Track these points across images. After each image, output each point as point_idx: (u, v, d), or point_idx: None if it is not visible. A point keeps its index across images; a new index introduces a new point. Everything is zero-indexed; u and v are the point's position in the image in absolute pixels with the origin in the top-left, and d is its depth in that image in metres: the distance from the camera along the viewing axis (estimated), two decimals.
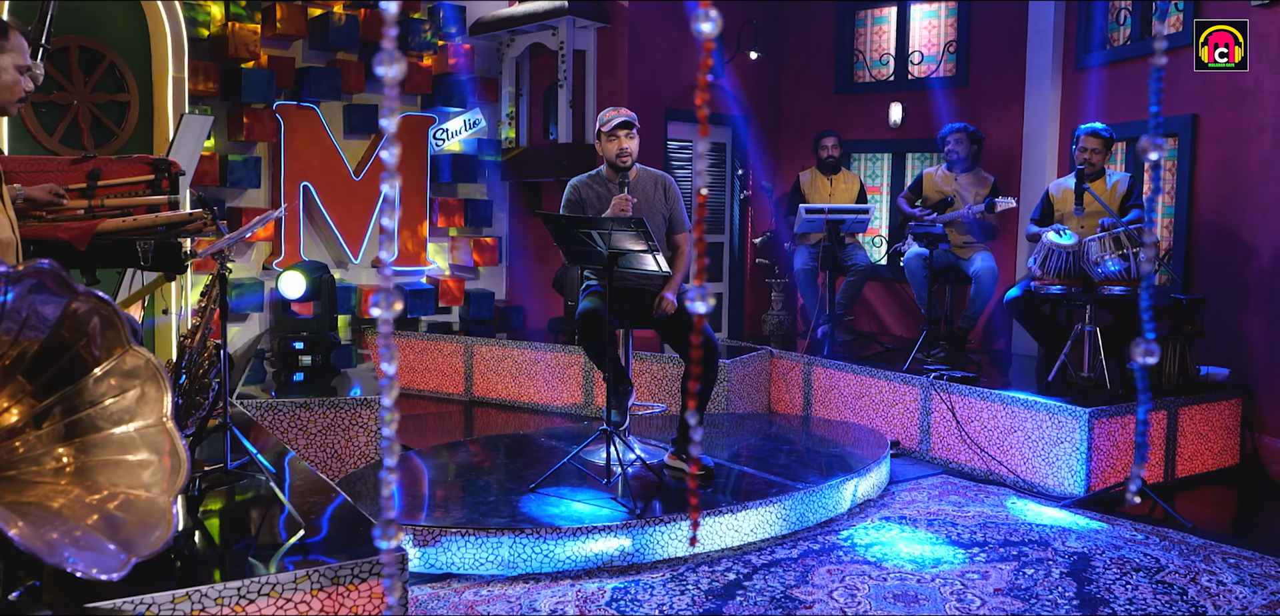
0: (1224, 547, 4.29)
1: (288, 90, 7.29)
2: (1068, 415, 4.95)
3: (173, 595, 2.43)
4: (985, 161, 7.27)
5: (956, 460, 5.52)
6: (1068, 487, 4.97)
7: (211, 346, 3.28)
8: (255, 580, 2.54)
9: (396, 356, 1.00)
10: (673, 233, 4.75)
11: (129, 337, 1.87)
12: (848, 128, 8.10)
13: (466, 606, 3.55)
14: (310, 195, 7.42)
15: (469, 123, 8.22)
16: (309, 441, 4.78)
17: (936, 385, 5.60)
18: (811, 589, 3.76)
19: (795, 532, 4.39)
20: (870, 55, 8.40)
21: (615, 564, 3.93)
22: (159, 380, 1.89)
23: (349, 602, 2.67)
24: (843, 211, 6.60)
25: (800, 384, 6.58)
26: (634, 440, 5.05)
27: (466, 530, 3.83)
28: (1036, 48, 7.22)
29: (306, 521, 3.00)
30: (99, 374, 1.84)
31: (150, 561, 2.57)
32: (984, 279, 6.26)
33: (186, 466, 1.91)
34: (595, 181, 4.69)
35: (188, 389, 3.22)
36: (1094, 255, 5.17)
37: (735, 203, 8.72)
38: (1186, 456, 5.34)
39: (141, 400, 1.87)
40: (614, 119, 4.58)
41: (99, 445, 1.84)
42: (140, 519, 1.83)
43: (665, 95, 8.00)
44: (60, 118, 5.26)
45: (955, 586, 3.81)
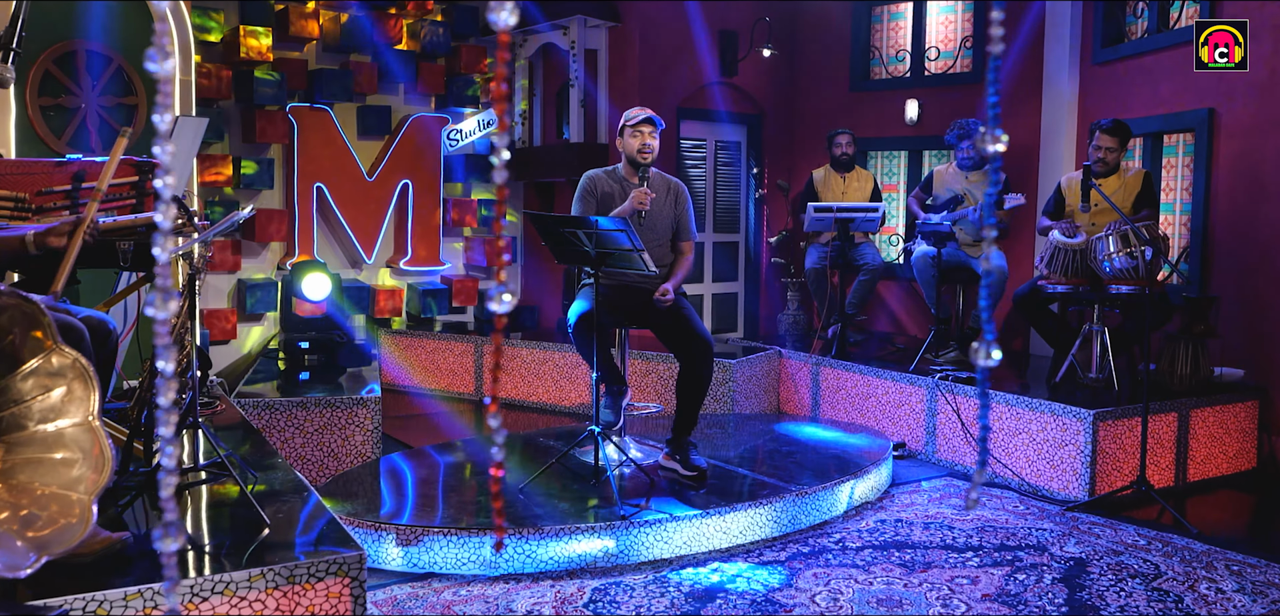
0: (1229, 554, 4.16)
1: (300, 92, 7.36)
2: (1071, 417, 4.84)
3: (124, 592, 2.44)
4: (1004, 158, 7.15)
5: (961, 462, 5.43)
6: (1072, 491, 4.86)
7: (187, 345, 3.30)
8: (209, 578, 2.55)
9: (174, 355, 0.98)
10: (679, 239, 4.75)
11: (56, 337, 1.88)
12: (864, 125, 8.01)
13: (444, 606, 3.54)
14: (324, 196, 7.49)
15: (483, 123, 8.25)
16: (305, 440, 4.81)
17: (941, 386, 5.51)
18: (794, 592, 3.71)
19: (786, 535, 4.34)
20: (886, 51, 8.30)
21: (599, 565, 3.91)
22: (87, 379, 1.90)
23: (305, 601, 2.67)
24: (851, 210, 6.52)
25: (809, 384, 6.51)
26: (630, 440, 5.03)
27: (448, 530, 3.82)
28: (1054, 41, 7.08)
29: (274, 521, 3.01)
30: (25, 372, 1.85)
31: (108, 558, 2.60)
32: (994, 277, 6.14)
33: (112, 464, 1.91)
34: (612, 177, 4.71)
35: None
36: (1101, 253, 5.05)
37: (751, 201, 8.66)
38: (1199, 459, 5.20)
39: (68, 398, 1.88)
40: (639, 114, 4.61)
41: (23, 443, 1.85)
42: (56, 517, 1.84)
43: (677, 94, 7.96)
44: (68, 120, 5.35)
45: (943, 591, 3.74)
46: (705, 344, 4.53)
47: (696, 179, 8.34)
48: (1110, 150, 5.40)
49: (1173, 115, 6.06)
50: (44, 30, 5.31)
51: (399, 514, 4.02)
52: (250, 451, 3.88)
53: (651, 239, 4.66)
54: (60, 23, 5.35)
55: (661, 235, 4.70)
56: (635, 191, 4.49)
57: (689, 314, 4.59)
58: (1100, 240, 5.07)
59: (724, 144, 8.50)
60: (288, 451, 4.79)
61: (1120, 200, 5.40)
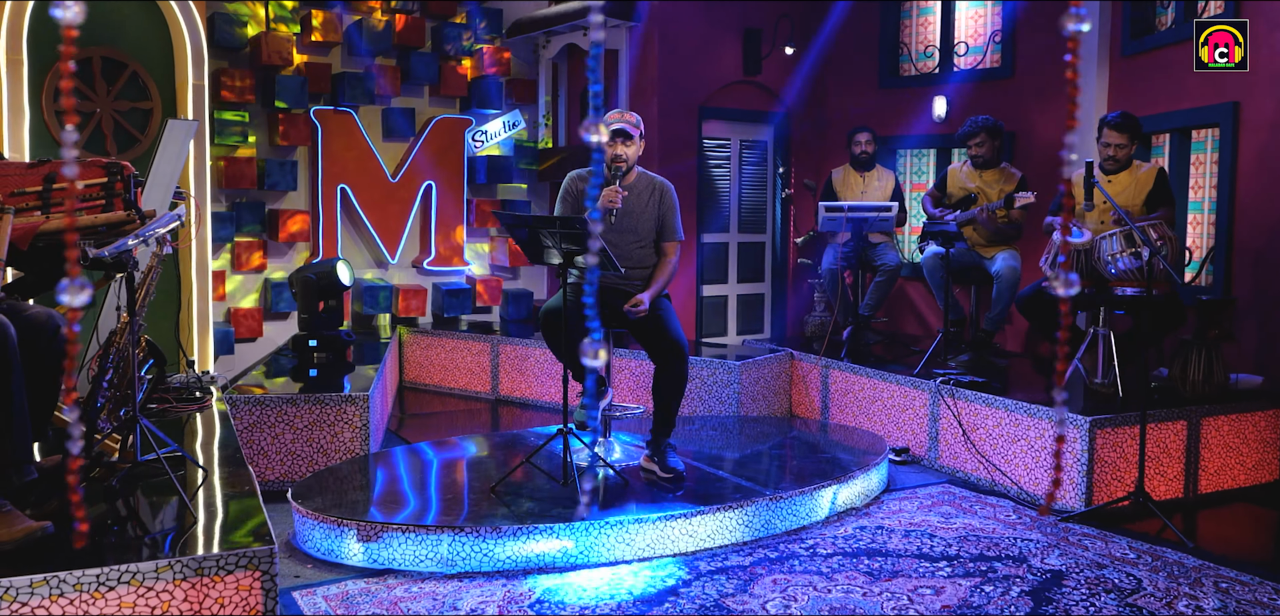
0: (1223, 570, 3.96)
1: (325, 95, 7.51)
2: (1068, 424, 4.66)
3: (31, 579, 2.52)
4: (1033, 153, 6.95)
5: (963, 469, 5.27)
6: (1068, 501, 4.68)
7: (143, 342, 3.39)
8: (116, 568, 2.61)
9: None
10: (663, 239, 4.71)
11: None
12: (892, 123, 7.85)
13: (392, 602, 3.57)
14: (347, 197, 7.63)
15: (508, 124, 8.31)
16: (295, 436, 4.90)
17: (943, 390, 5.36)
18: (747, 598, 3.64)
19: (759, 539, 4.27)
20: (915, 47, 8.11)
21: (557, 565, 3.90)
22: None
23: (214, 594, 2.71)
24: (863, 210, 6.39)
25: (819, 387, 6.40)
26: (615, 441, 5.01)
27: (406, 527, 3.85)
28: (1083, 35, 6.83)
29: (207, 515, 3.07)
30: None
31: (30, 545, 2.68)
32: (1004, 278, 5.96)
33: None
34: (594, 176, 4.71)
35: (116, 383, 3.33)
36: (1105, 253, 4.86)
37: (777, 201, 8.55)
38: (1212, 470, 4.95)
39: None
40: (610, 126, 4.59)
41: None
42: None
43: (698, 93, 7.91)
44: (84, 125, 5.54)
45: (901, 600, 3.63)
46: (678, 347, 4.48)
47: (720, 179, 8.28)
48: (1119, 146, 5.18)
49: (1197, 110, 5.80)
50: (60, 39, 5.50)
51: (364, 510, 4.07)
52: (217, 448, 3.97)
53: (631, 239, 4.64)
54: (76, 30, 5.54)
55: (643, 235, 4.67)
56: (605, 190, 4.47)
57: (665, 316, 4.55)
58: (1105, 240, 4.88)
59: (749, 143, 8.41)
60: (277, 447, 4.88)
61: (1131, 198, 5.18)
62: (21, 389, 2.80)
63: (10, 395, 2.76)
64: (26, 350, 3.06)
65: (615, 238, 4.59)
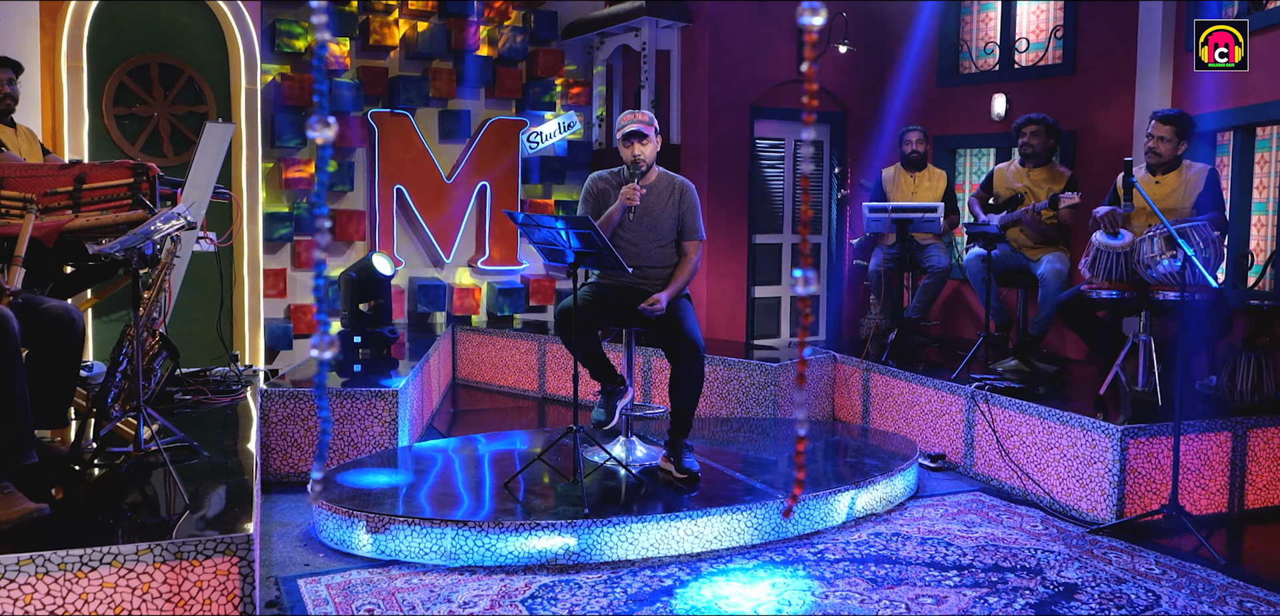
0: (1252, 590, 3.76)
1: (382, 98, 7.71)
2: (1100, 433, 4.49)
3: (17, 558, 2.66)
4: (1095, 153, 6.71)
5: (997, 477, 5.12)
6: (1099, 513, 4.50)
7: (158, 335, 3.55)
8: (99, 549, 2.74)
9: None
10: (684, 239, 4.71)
11: None
12: (952, 121, 7.68)
13: (390, 593, 3.65)
14: (403, 197, 7.81)
15: (564, 125, 8.39)
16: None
17: (977, 396, 5.21)
18: (742, 602, 3.61)
19: (768, 542, 4.23)
20: (975, 45, 7.90)
21: (559, 562, 3.93)
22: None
23: (193, 577, 2.82)
24: (908, 210, 6.24)
25: (860, 390, 6.29)
26: (636, 440, 5.02)
27: (411, 520, 3.94)
28: (1147, 30, 6.56)
29: (197, 502, 3.19)
30: None
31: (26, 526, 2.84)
32: (1048, 281, 5.75)
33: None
34: (615, 176, 4.74)
35: (130, 373, 3.50)
36: (1145, 256, 4.66)
37: (833, 202, 8.44)
38: (1260, 485, 4.70)
39: None
40: (624, 128, 4.61)
41: None
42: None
43: (749, 93, 7.86)
44: (142, 128, 5.81)
45: (898, 608, 3.55)
46: (693, 346, 4.47)
47: (773, 179, 8.21)
48: (1162, 140, 4.96)
49: (1261, 105, 5.51)
50: (120, 45, 5.80)
51: (376, 502, 4.17)
52: (236, 439, 4.12)
53: (651, 238, 4.64)
54: (135, 38, 5.82)
55: (664, 235, 4.67)
56: (624, 188, 4.50)
57: (682, 316, 4.54)
58: (1145, 241, 4.68)
59: (804, 143, 8.30)
60: (310, 439, 5.03)
61: (1179, 199, 4.96)
62: (22, 377, 2.96)
63: (10, 383, 2.92)
64: (43, 341, 3.24)
65: (635, 236, 4.60)
